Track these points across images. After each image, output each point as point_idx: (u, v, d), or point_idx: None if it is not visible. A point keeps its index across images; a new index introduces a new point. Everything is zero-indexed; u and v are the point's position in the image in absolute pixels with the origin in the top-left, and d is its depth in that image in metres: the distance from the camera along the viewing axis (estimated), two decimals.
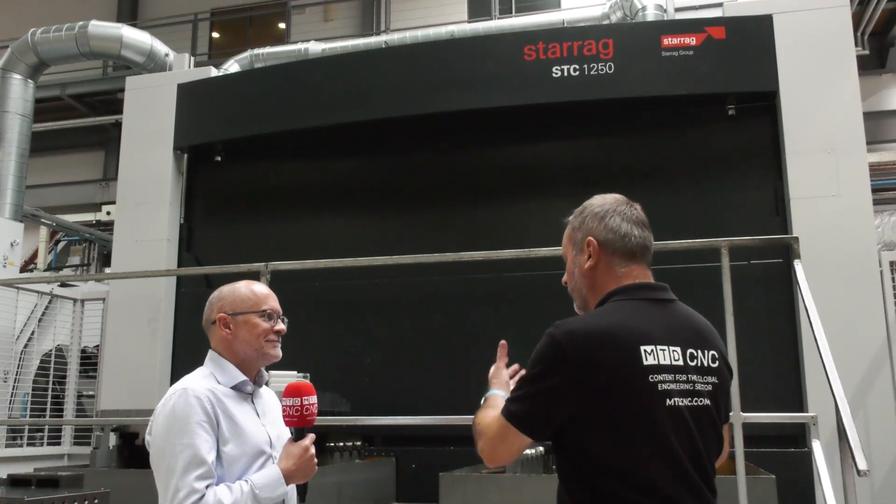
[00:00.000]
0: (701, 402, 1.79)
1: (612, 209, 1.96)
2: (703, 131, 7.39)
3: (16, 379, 8.56)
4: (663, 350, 1.76)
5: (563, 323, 1.80)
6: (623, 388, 1.70)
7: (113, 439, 6.25)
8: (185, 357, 7.61)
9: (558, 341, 1.74)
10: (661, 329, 1.80)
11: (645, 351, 1.73)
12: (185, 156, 8.59)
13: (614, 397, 1.70)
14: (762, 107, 7.12)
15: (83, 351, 8.88)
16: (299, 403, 2.18)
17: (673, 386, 1.74)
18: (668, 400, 1.73)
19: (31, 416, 8.52)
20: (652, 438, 1.71)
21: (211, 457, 2.08)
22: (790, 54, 6.91)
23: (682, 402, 1.75)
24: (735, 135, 7.27)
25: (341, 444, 6.58)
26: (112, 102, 13.72)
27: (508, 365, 2.24)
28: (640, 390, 1.71)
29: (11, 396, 8.41)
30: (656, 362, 1.73)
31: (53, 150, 14.54)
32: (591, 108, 7.38)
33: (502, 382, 2.07)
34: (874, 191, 7.06)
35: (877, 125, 11.43)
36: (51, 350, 8.79)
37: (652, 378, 1.72)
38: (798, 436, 6.45)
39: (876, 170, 9.34)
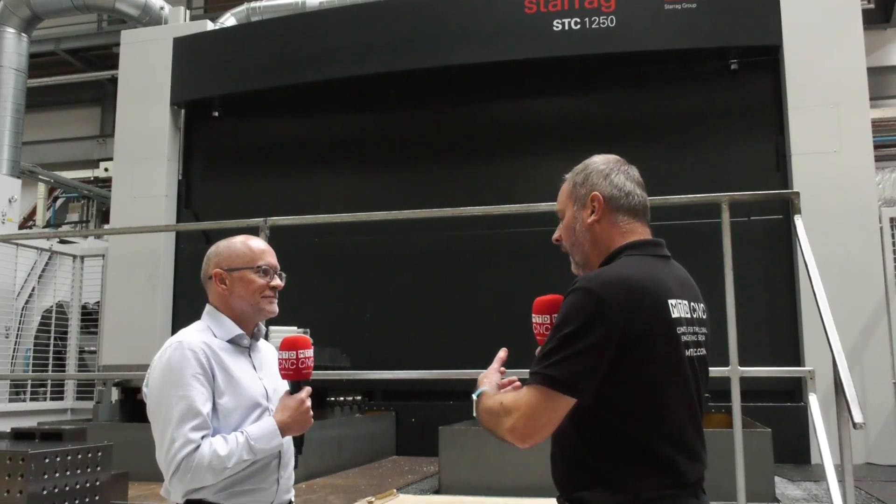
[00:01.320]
0: (700, 352, 1.85)
1: (615, 168, 1.96)
2: (706, 86, 7.32)
3: (17, 335, 8.60)
4: (681, 303, 1.80)
5: (594, 276, 1.77)
6: (658, 339, 1.72)
7: (115, 394, 6.32)
8: (186, 312, 7.64)
9: (597, 293, 1.69)
10: (674, 283, 1.83)
11: (671, 304, 1.76)
12: (183, 111, 8.53)
13: (648, 348, 1.70)
14: (765, 61, 7.05)
15: (84, 307, 8.91)
16: (295, 357, 2.17)
17: (688, 338, 1.79)
18: (687, 351, 1.78)
19: (33, 372, 8.58)
20: (680, 388, 1.75)
21: (206, 408, 2.09)
22: (794, 8, 6.81)
23: (693, 352, 1.81)
24: (737, 90, 7.20)
25: (342, 398, 6.65)
26: (108, 57, 13.55)
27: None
28: (671, 341, 1.74)
29: (14, 352, 8.46)
30: (679, 315, 1.77)
31: (49, 106, 14.39)
32: (593, 62, 7.30)
33: (492, 383, 2.00)
34: (876, 147, 7.02)
35: (880, 80, 11.29)
36: (51, 306, 8.82)
37: (678, 330, 1.76)
38: (794, 391, 6.52)
39: (878, 126, 9.27)
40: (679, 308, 1.78)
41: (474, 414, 1.88)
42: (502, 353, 2.02)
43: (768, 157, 6.95)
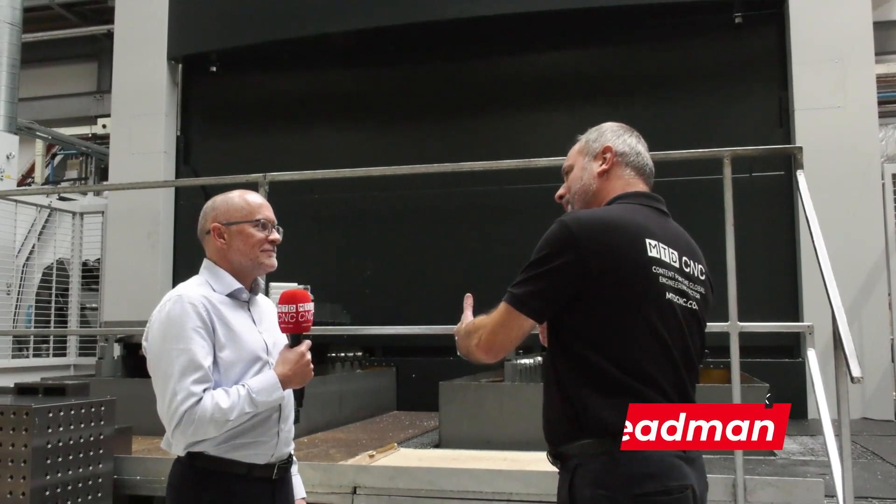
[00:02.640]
0: (691, 304, 1.88)
1: (628, 131, 2.07)
2: (709, 40, 7.23)
3: (19, 292, 8.63)
4: (664, 248, 1.84)
5: (572, 213, 1.91)
6: (627, 274, 1.77)
7: (117, 350, 6.35)
8: (186, 268, 7.63)
9: (568, 226, 1.80)
10: (661, 231, 1.88)
11: (650, 244, 1.81)
12: (180, 66, 8.44)
13: (617, 281, 1.77)
14: (770, 15, 6.95)
15: (84, 264, 8.92)
16: (294, 310, 2.17)
17: (671, 283, 1.83)
18: (667, 293, 1.82)
19: (35, 328, 8.63)
20: (646, 324, 1.78)
21: (207, 362, 2.10)
22: None
23: (678, 300, 1.84)
24: (741, 44, 7.11)
25: (342, 354, 6.68)
26: (103, 11, 13.32)
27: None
28: (642, 278, 1.79)
29: (16, 308, 8.49)
30: (659, 256, 1.82)
31: (45, 62, 14.20)
32: (595, 15, 7.18)
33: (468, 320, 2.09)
34: (880, 103, 6.97)
35: (885, 35, 11.12)
36: (52, 264, 8.83)
37: (655, 269, 1.80)
38: (792, 347, 6.55)
39: (883, 81, 9.17)
40: (661, 250, 1.82)
41: (458, 352, 2.01)
42: (468, 300, 2.12)
43: (771, 112, 6.89)
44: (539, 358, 5.80)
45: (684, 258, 1.89)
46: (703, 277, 1.94)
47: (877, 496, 3.57)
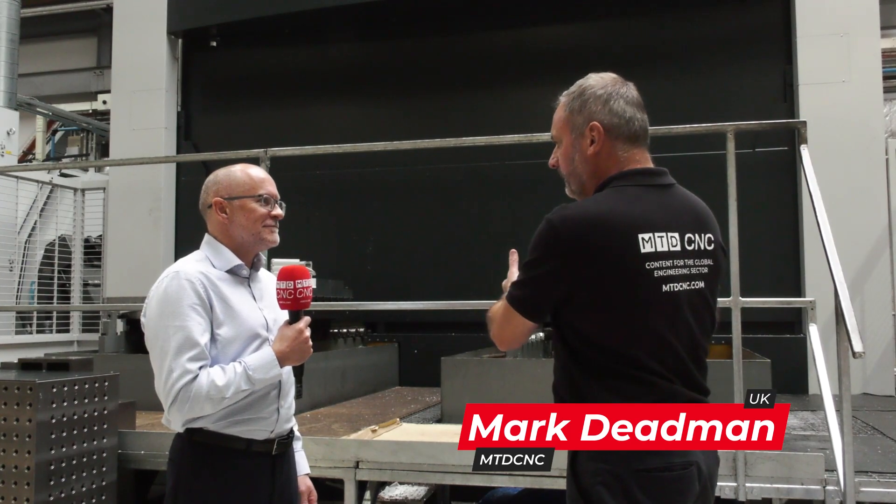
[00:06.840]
0: (696, 285, 1.83)
1: (614, 92, 1.91)
2: (712, 12, 7.15)
3: (21, 268, 8.64)
4: (661, 237, 1.77)
5: (561, 209, 1.80)
6: (618, 274, 1.73)
7: (120, 325, 6.37)
8: (188, 244, 7.58)
9: (555, 226, 1.76)
10: (659, 215, 1.80)
11: (643, 239, 1.74)
12: (180, 41, 8.38)
13: (608, 282, 1.73)
14: None
15: (86, 241, 8.92)
16: (292, 286, 2.15)
17: (671, 272, 1.77)
18: (664, 286, 1.76)
19: (38, 304, 8.64)
20: (644, 323, 1.75)
21: (204, 339, 2.09)
22: None
23: (679, 286, 1.79)
24: (745, 16, 7.03)
25: (345, 330, 6.70)
26: None
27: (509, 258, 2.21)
28: (635, 277, 1.74)
29: (19, 285, 8.51)
30: (654, 249, 1.75)
31: (45, 37, 14.13)
32: None
33: (506, 286, 2.08)
34: (885, 77, 6.90)
35: (891, 9, 11.02)
36: (54, 240, 8.83)
37: (649, 265, 1.74)
38: (794, 322, 6.56)
39: (888, 56, 9.09)
40: (656, 242, 1.76)
41: None
42: (513, 255, 2.13)
43: (775, 86, 6.83)
44: (541, 334, 5.81)
45: (687, 235, 1.82)
46: (710, 247, 1.87)
47: (877, 470, 3.58)
